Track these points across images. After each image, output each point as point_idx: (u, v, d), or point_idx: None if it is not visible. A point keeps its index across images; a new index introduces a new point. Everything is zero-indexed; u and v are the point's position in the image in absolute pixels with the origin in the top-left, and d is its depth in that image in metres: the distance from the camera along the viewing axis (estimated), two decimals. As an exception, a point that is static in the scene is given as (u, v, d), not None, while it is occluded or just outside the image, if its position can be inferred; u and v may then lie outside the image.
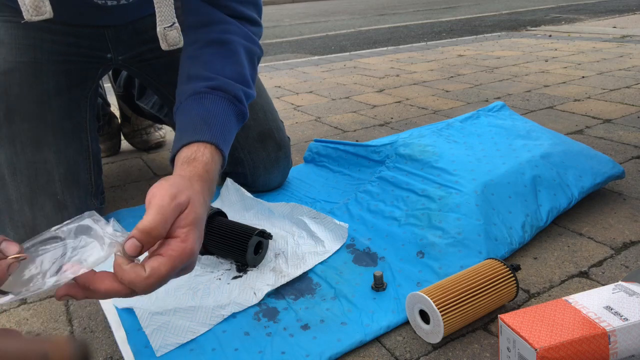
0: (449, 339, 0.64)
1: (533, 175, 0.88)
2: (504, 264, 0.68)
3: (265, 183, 1.07)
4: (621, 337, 0.53)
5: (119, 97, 1.42)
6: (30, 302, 0.77)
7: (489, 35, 3.69)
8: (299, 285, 0.76)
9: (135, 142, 1.47)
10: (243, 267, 0.80)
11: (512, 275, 0.67)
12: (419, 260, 0.78)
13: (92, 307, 0.75)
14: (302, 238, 0.87)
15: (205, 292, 0.74)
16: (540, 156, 0.92)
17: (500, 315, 0.57)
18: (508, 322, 0.55)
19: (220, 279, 0.77)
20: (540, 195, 0.87)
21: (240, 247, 0.78)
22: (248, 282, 0.76)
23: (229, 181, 1.03)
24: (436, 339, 0.62)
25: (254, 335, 0.66)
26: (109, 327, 0.70)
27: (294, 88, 2.21)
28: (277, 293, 0.74)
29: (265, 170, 1.05)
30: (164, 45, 0.79)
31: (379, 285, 0.73)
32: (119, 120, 1.47)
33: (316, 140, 1.20)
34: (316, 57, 3.08)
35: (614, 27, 3.67)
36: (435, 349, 0.63)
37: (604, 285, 0.68)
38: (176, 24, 0.78)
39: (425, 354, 0.62)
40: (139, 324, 0.68)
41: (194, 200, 0.55)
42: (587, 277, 0.75)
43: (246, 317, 0.69)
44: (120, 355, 0.64)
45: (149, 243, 0.50)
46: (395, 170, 0.97)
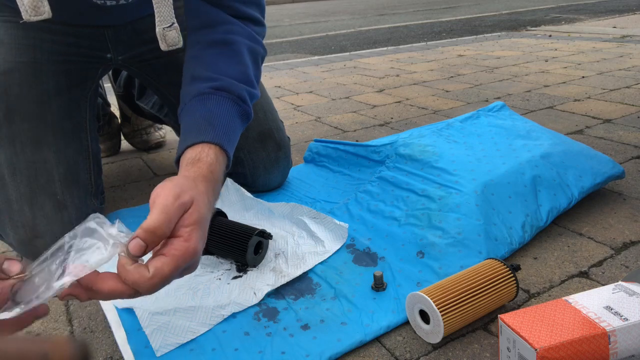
0: (449, 339, 0.64)
1: (533, 175, 0.88)
2: (504, 264, 0.68)
3: (265, 183, 1.07)
4: (621, 337, 0.53)
5: (119, 97, 1.42)
6: (30, 302, 0.77)
7: (489, 35, 3.68)
8: (299, 285, 0.76)
9: (135, 142, 1.47)
10: (243, 267, 0.80)
11: (512, 275, 0.67)
12: (419, 260, 0.78)
13: (92, 307, 0.75)
14: (302, 238, 0.87)
15: (205, 292, 0.74)
16: (540, 156, 0.92)
17: (500, 315, 0.57)
18: (508, 322, 0.55)
19: (220, 279, 0.77)
20: (540, 195, 0.87)
21: (240, 247, 0.78)
22: (248, 282, 0.76)
23: (229, 181, 1.03)
24: (436, 339, 0.62)
25: (254, 335, 0.66)
26: (109, 327, 0.70)
27: (294, 88, 2.21)
28: (277, 293, 0.74)
29: (265, 170, 1.05)
30: (163, 46, 0.79)
31: (379, 285, 0.73)
32: (119, 120, 1.47)
33: (316, 140, 1.20)
34: (316, 57, 3.08)
35: (614, 27, 3.67)
36: (435, 349, 0.63)
37: (604, 285, 0.68)
38: (175, 25, 0.78)
39: (425, 354, 0.62)
40: (139, 324, 0.68)
41: (197, 200, 0.55)
42: (587, 277, 0.75)
43: (246, 317, 0.69)
44: (120, 355, 0.64)
45: (153, 242, 0.50)
46: (395, 170, 0.97)
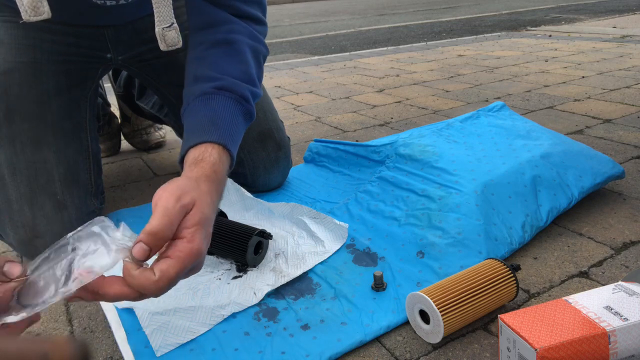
0: (449, 339, 0.64)
1: (533, 175, 0.88)
2: (504, 264, 0.68)
3: (265, 183, 1.07)
4: (621, 337, 0.53)
5: (119, 97, 1.42)
6: (30, 302, 0.77)
7: (489, 35, 3.68)
8: (299, 285, 0.76)
9: (135, 142, 1.47)
10: (243, 267, 0.80)
11: (512, 275, 0.67)
12: (419, 260, 0.78)
13: (92, 307, 0.75)
14: (302, 238, 0.87)
15: (205, 292, 0.74)
16: (540, 156, 0.92)
17: (500, 315, 0.57)
18: (508, 322, 0.55)
19: (220, 279, 0.77)
20: (540, 195, 0.87)
21: (240, 247, 0.78)
22: (248, 282, 0.76)
23: (229, 181, 1.03)
24: (436, 339, 0.62)
25: (254, 335, 0.66)
26: (109, 327, 0.70)
27: (294, 88, 2.21)
28: (277, 293, 0.74)
29: (265, 170, 1.05)
30: (162, 46, 0.79)
31: (379, 285, 0.73)
32: (119, 120, 1.47)
33: (316, 140, 1.20)
34: (316, 57, 3.08)
35: (614, 27, 3.67)
36: (435, 349, 0.63)
37: (604, 285, 0.68)
38: (175, 25, 0.78)
39: (425, 354, 0.62)
40: (139, 324, 0.68)
41: (199, 201, 0.55)
42: (587, 277, 0.75)
43: (246, 317, 0.69)
44: (120, 355, 0.64)
45: (156, 246, 0.50)
46: (395, 170, 0.97)
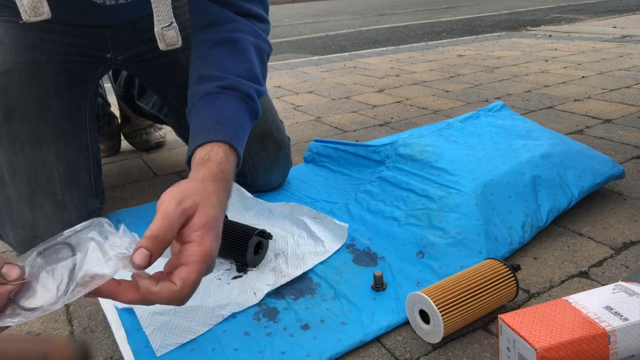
0: (449, 339, 0.64)
1: (533, 175, 0.88)
2: (504, 264, 0.68)
3: (265, 183, 1.07)
4: (621, 337, 0.53)
5: (119, 97, 1.42)
6: (30, 302, 0.77)
7: (489, 35, 3.68)
8: (299, 285, 0.76)
9: (135, 142, 1.47)
10: (243, 267, 0.80)
11: (512, 275, 0.67)
12: (419, 260, 0.78)
13: (92, 307, 0.75)
14: (302, 238, 0.87)
15: (205, 292, 0.74)
16: (540, 156, 0.92)
17: (500, 315, 0.57)
18: (508, 322, 0.55)
19: (220, 279, 0.77)
20: (540, 195, 0.87)
21: (240, 247, 0.78)
22: (248, 282, 0.76)
23: (229, 181, 1.03)
24: (436, 339, 0.62)
25: (254, 335, 0.66)
26: (109, 327, 0.70)
27: (294, 88, 2.21)
28: (277, 293, 0.74)
29: (265, 170, 1.05)
30: (161, 45, 0.79)
31: (379, 285, 0.73)
32: (119, 120, 1.47)
33: (316, 140, 1.20)
34: (316, 57, 3.08)
35: (614, 27, 3.67)
36: (435, 349, 0.63)
37: (604, 285, 0.68)
38: (174, 24, 0.78)
39: (425, 354, 0.62)
40: (139, 324, 0.68)
41: (204, 203, 0.55)
42: (587, 277, 0.75)
43: (246, 317, 0.69)
44: (120, 355, 0.64)
45: (157, 249, 0.50)
46: (395, 170, 0.97)
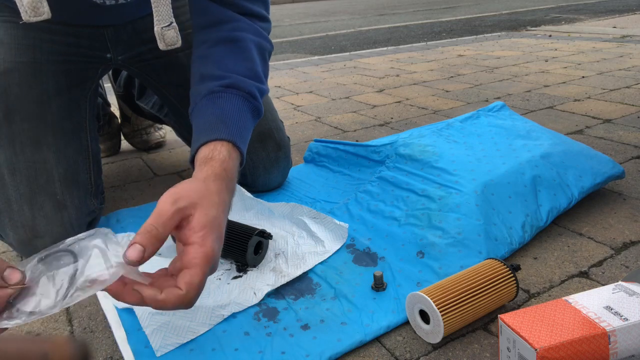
0: (449, 339, 0.64)
1: (533, 175, 0.88)
2: (504, 264, 0.68)
3: (265, 183, 1.07)
4: (621, 337, 0.53)
5: (119, 97, 1.42)
6: (30, 302, 0.77)
7: (489, 35, 3.68)
8: (299, 285, 0.76)
9: (135, 142, 1.47)
10: (243, 267, 0.80)
11: (512, 275, 0.67)
12: (419, 260, 0.78)
13: (92, 307, 0.75)
14: (302, 238, 0.87)
15: (205, 292, 0.74)
16: (540, 156, 0.92)
17: (500, 315, 0.57)
18: (508, 322, 0.55)
19: (220, 279, 0.77)
20: (540, 195, 0.87)
21: (240, 247, 0.78)
22: (248, 282, 0.76)
23: (229, 181, 1.03)
24: (436, 339, 0.62)
25: (254, 335, 0.66)
26: (109, 327, 0.70)
27: (294, 88, 2.21)
28: (277, 293, 0.74)
29: (265, 170, 1.05)
30: (161, 45, 0.79)
31: (379, 285, 0.73)
32: (119, 120, 1.47)
33: (316, 140, 1.20)
34: (316, 57, 3.08)
35: (614, 27, 3.67)
36: (435, 349, 0.63)
37: (604, 285, 0.68)
38: (174, 24, 0.78)
39: (425, 354, 0.62)
40: (139, 324, 0.68)
41: (202, 203, 0.55)
42: (587, 277, 0.75)
43: (246, 317, 0.69)
44: (120, 355, 0.64)
45: (151, 245, 0.50)
46: (395, 170, 0.97)
